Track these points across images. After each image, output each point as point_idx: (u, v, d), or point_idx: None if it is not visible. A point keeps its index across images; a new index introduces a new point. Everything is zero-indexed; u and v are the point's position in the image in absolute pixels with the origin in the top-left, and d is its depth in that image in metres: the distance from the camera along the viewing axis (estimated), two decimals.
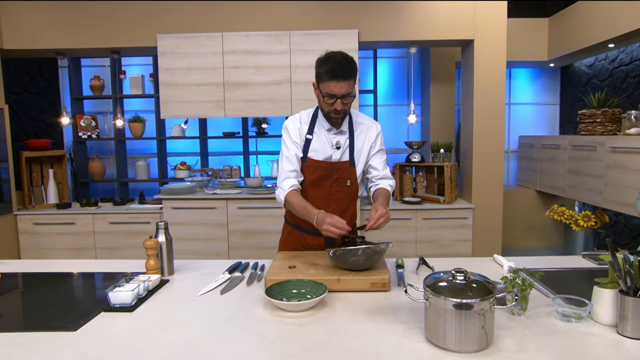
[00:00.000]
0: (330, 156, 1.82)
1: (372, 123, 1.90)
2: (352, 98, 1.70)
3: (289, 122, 1.87)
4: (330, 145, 1.82)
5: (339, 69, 1.61)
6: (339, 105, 1.67)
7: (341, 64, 1.62)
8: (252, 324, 1.19)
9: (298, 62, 3.68)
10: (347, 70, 1.63)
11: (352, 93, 1.69)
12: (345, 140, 1.83)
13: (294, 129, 1.84)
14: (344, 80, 1.63)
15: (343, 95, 1.66)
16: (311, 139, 1.82)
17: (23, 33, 4.01)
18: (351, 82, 1.66)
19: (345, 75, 1.62)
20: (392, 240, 3.65)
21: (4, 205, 4.01)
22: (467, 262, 1.79)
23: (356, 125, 1.87)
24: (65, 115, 4.37)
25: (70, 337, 1.13)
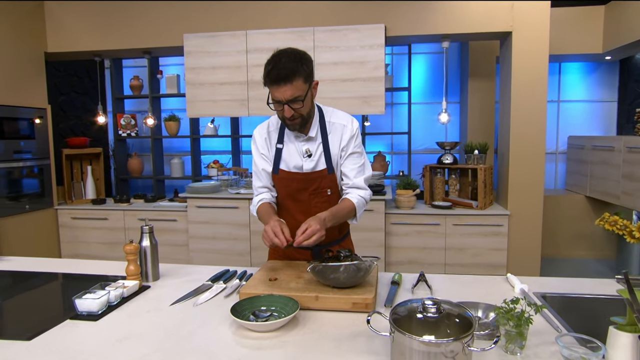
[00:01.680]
0: (302, 166, 1.63)
1: (347, 122, 1.65)
2: (302, 102, 1.47)
3: (256, 132, 1.71)
4: (300, 154, 1.63)
5: (276, 71, 1.40)
6: (287, 111, 1.47)
7: (280, 66, 1.41)
8: (208, 343, 1.10)
9: (321, 59, 3.56)
10: (288, 71, 1.40)
11: (301, 97, 1.46)
12: (318, 147, 1.63)
13: (260, 140, 1.68)
14: (285, 84, 1.41)
15: (289, 101, 1.45)
16: (282, 148, 1.65)
17: (64, 36, 4.19)
18: (297, 85, 1.43)
19: (286, 78, 1.40)
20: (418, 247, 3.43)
21: (46, 199, 4.22)
22: (475, 280, 1.59)
23: (329, 127, 1.64)
24: (101, 114, 4.53)
25: (20, 347, 1.09)
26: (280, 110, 1.50)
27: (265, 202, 1.70)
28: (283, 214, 1.73)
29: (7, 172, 3.79)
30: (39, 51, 4.15)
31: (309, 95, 1.50)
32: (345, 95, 3.56)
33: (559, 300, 1.42)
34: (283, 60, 1.42)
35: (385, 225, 3.59)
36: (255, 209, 1.71)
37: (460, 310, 0.93)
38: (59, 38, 4.18)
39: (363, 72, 3.50)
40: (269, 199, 1.72)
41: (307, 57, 1.50)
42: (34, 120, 4.07)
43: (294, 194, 1.67)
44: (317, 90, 1.59)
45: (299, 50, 1.50)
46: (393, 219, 3.60)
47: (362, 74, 3.50)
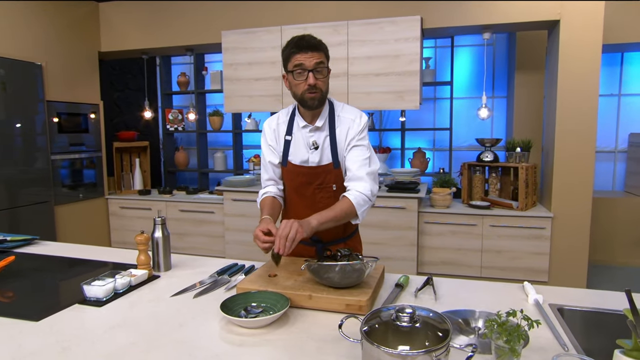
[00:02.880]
0: (307, 159, 1.62)
1: (355, 116, 1.62)
2: (326, 74, 1.53)
3: (265, 124, 1.72)
4: (307, 146, 1.62)
5: (304, 41, 1.49)
6: (311, 79, 1.48)
7: (306, 38, 1.50)
8: (194, 336, 1.12)
9: (355, 53, 3.50)
10: (314, 42, 1.50)
11: (325, 65, 1.53)
12: (325, 139, 1.60)
13: (269, 131, 1.69)
14: (312, 51, 1.48)
15: (315, 68, 1.48)
16: (290, 140, 1.64)
17: (115, 36, 4.44)
18: (322, 55, 1.51)
19: (312, 47, 1.49)
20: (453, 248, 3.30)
21: (98, 189, 4.52)
22: (487, 287, 1.49)
23: (338, 121, 1.61)
24: (147, 110, 4.76)
25: (26, 327, 1.17)
26: (302, 80, 1.50)
27: (269, 195, 1.71)
28: (289, 208, 1.73)
29: (64, 163, 4.10)
30: (93, 51, 4.43)
31: (328, 74, 1.55)
32: (378, 90, 3.48)
33: (580, 315, 1.30)
34: (309, 36, 1.52)
35: (419, 224, 3.49)
36: (259, 202, 1.73)
37: (439, 320, 0.88)
38: (111, 37, 4.44)
39: (398, 66, 3.40)
40: (274, 193, 1.73)
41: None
42: (88, 115, 4.36)
43: (299, 188, 1.66)
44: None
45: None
46: (427, 218, 3.49)
47: (397, 68, 3.41)
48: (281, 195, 1.75)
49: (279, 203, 1.72)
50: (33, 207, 3.79)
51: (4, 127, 3.49)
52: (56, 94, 3.98)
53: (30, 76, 3.73)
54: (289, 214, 1.76)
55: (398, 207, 3.45)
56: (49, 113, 3.90)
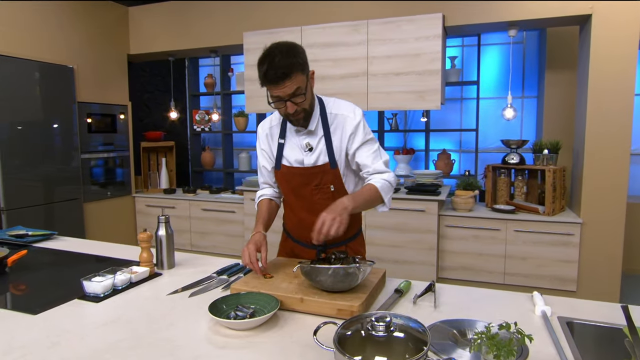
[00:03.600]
0: (302, 160, 1.58)
1: (349, 112, 1.56)
2: (304, 95, 1.42)
3: (259, 128, 1.69)
4: (301, 148, 1.58)
5: (273, 71, 1.35)
6: (289, 108, 1.42)
7: (274, 64, 1.35)
8: (180, 335, 1.11)
9: (375, 52, 3.44)
10: (286, 68, 1.35)
11: (302, 90, 1.41)
12: (319, 140, 1.56)
13: (262, 135, 1.66)
14: (283, 81, 1.36)
15: (291, 96, 1.40)
16: (283, 144, 1.61)
17: (143, 38, 4.57)
18: (295, 79, 1.38)
19: (284, 76, 1.35)
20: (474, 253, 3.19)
21: (125, 187, 4.66)
22: (493, 296, 1.41)
23: (331, 119, 1.56)
24: (173, 110, 4.87)
25: (23, 320, 1.20)
26: (282, 107, 1.45)
27: (265, 198, 1.71)
28: (287, 211, 1.71)
29: (93, 162, 4.25)
30: (122, 53, 4.57)
31: (308, 86, 1.47)
32: (398, 90, 3.41)
33: (591, 330, 1.21)
34: (277, 58, 1.37)
35: (439, 228, 3.38)
36: (256, 204, 1.74)
37: (420, 330, 0.83)
38: (139, 40, 4.57)
39: (418, 65, 3.32)
40: (270, 195, 1.73)
41: (300, 49, 1.45)
42: (117, 116, 4.50)
43: (296, 189, 1.63)
44: (315, 80, 1.55)
45: (290, 43, 1.45)
46: (448, 221, 3.38)
47: (417, 67, 3.32)
48: (277, 196, 1.75)
49: (274, 205, 1.73)
50: (64, 204, 3.95)
51: (38, 128, 3.66)
52: (87, 95, 4.14)
53: (63, 79, 3.89)
54: (288, 216, 1.74)
55: (418, 209, 3.37)
56: (80, 114, 4.05)
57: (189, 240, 4.48)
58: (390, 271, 3.58)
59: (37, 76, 3.67)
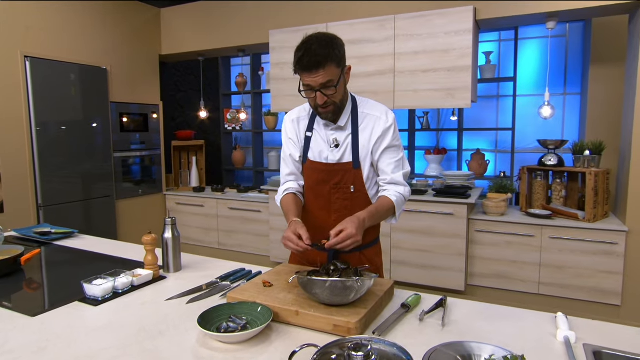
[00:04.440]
0: (327, 157, 1.54)
1: (381, 114, 1.53)
2: (335, 88, 1.39)
3: (286, 117, 1.65)
4: (327, 143, 1.54)
5: (308, 58, 1.34)
6: (319, 99, 1.40)
7: (311, 52, 1.34)
8: (166, 346, 1.07)
9: (402, 49, 3.31)
10: (320, 57, 1.34)
11: (334, 82, 1.39)
12: (347, 137, 1.52)
13: (290, 125, 1.62)
14: (316, 70, 1.35)
15: (322, 86, 1.38)
16: (311, 137, 1.57)
17: (174, 39, 4.64)
18: (329, 70, 1.36)
19: (317, 64, 1.34)
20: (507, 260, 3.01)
21: (156, 185, 4.77)
22: (511, 315, 1.28)
23: (362, 118, 1.53)
24: (202, 110, 4.93)
25: (21, 322, 1.21)
26: (312, 97, 1.43)
27: (290, 192, 1.63)
28: (303, 209, 1.64)
29: (124, 160, 4.37)
30: (154, 54, 4.67)
31: (341, 80, 1.43)
32: (426, 87, 3.26)
33: None
34: (314, 47, 1.36)
35: (468, 232, 3.21)
36: (279, 199, 1.64)
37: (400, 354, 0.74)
38: (170, 41, 4.65)
39: (447, 61, 3.16)
40: (295, 189, 1.64)
41: (339, 41, 1.43)
42: (149, 115, 4.61)
43: (315, 186, 1.58)
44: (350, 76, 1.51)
45: (330, 34, 1.43)
46: (478, 226, 3.20)
47: (446, 64, 3.16)
48: (302, 191, 1.67)
49: (300, 201, 1.64)
50: (98, 201, 4.08)
51: (73, 127, 3.79)
52: (119, 95, 4.25)
53: (97, 79, 4.01)
54: (303, 215, 1.68)
55: (446, 213, 3.21)
56: (113, 113, 4.17)
57: (216, 239, 4.52)
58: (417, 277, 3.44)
59: (72, 78, 3.80)
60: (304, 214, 1.66)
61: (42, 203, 3.61)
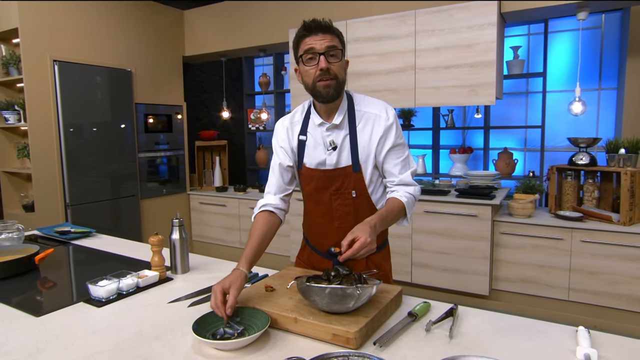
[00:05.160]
0: (324, 161, 1.43)
1: (380, 111, 1.42)
2: (340, 59, 1.34)
3: (278, 123, 1.55)
4: (324, 146, 1.43)
5: (315, 22, 1.33)
6: (323, 62, 1.30)
7: (316, 20, 1.33)
8: (160, 352, 1.05)
9: (423, 45, 3.21)
10: (325, 24, 1.33)
11: (338, 47, 1.34)
12: (344, 138, 1.41)
13: (282, 131, 1.51)
14: (323, 33, 1.32)
15: (327, 51, 1.30)
16: (305, 140, 1.46)
17: (197, 40, 4.69)
18: (335, 38, 1.34)
19: (323, 29, 1.32)
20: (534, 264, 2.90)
21: (180, 185, 4.84)
22: (527, 328, 1.19)
23: (359, 117, 1.42)
24: (225, 110, 4.96)
25: (26, 322, 1.22)
26: (314, 65, 1.32)
27: (264, 211, 1.47)
28: (306, 215, 1.59)
29: (149, 160, 4.45)
30: (178, 55, 4.73)
31: (343, 62, 1.37)
32: (448, 84, 3.14)
33: None
34: (319, 19, 1.35)
35: (493, 235, 3.08)
36: (253, 217, 1.49)
37: None
38: (193, 42, 4.70)
39: (470, 56, 3.04)
40: (272, 205, 1.48)
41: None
42: (173, 115, 4.68)
43: (314, 193, 1.49)
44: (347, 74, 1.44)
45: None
46: (503, 228, 3.07)
47: (469, 59, 3.04)
48: (283, 207, 1.51)
49: (275, 222, 1.48)
50: (123, 200, 4.18)
51: (99, 128, 3.89)
52: (144, 96, 4.33)
53: (122, 81, 4.10)
54: (306, 222, 1.63)
55: (469, 214, 3.09)
56: (137, 114, 4.26)
57: (238, 238, 4.54)
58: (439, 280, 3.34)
59: (99, 80, 3.90)
60: (307, 221, 1.60)
61: (70, 202, 3.72)
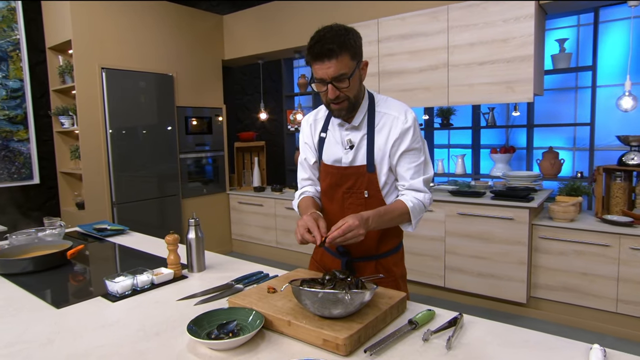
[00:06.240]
0: (340, 158, 1.45)
1: (399, 113, 1.40)
2: (348, 81, 1.29)
3: (303, 120, 1.60)
4: (342, 145, 1.45)
5: (320, 46, 1.25)
6: (330, 93, 1.30)
7: (323, 40, 1.25)
8: (157, 348, 1.09)
9: (456, 41, 3.09)
10: (333, 46, 1.24)
11: (347, 74, 1.28)
12: (362, 138, 1.42)
13: (306, 127, 1.57)
14: (329, 59, 1.25)
15: (334, 79, 1.28)
16: (325, 138, 1.50)
17: (235, 44, 4.82)
18: (342, 61, 1.26)
19: (330, 53, 1.24)
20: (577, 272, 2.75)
21: (220, 185, 4.99)
22: (538, 343, 1.11)
23: (378, 117, 1.41)
24: (262, 111, 5.06)
25: (48, 313, 1.31)
26: (323, 91, 1.34)
27: (308, 195, 1.58)
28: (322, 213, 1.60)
29: (190, 161, 4.63)
30: (218, 59, 4.88)
31: (356, 74, 1.33)
32: (482, 81, 3.01)
33: None
34: (328, 35, 1.28)
35: (531, 239, 2.91)
36: (296, 204, 1.61)
37: None
38: (232, 46, 4.84)
39: (506, 51, 2.89)
40: (312, 193, 1.59)
41: (356, 33, 1.35)
42: (213, 118, 4.84)
43: (328, 190, 1.52)
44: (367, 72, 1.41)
45: (348, 27, 1.34)
46: (543, 232, 2.89)
47: (505, 54, 2.89)
48: (319, 196, 1.61)
49: (318, 204, 1.58)
50: (165, 199, 4.38)
51: (144, 131, 4.10)
52: (185, 100, 4.51)
53: (164, 86, 4.30)
54: None
55: (505, 217, 2.94)
56: (179, 117, 4.44)
57: (274, 238, 4.61)
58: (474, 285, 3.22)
59: (142, 85, 4.11)
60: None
61: (116, 201, 3.95)
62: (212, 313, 1.19)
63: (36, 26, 3.86)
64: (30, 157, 3.88)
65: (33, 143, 3.88)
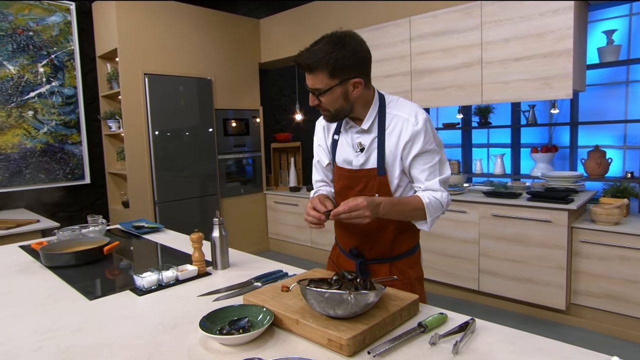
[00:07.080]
0: (351, 161, 1.47)
1: (409, 115, 1.38)
2: (324, 95, 1.32)
3: (317, 122, 1.62)
4: (353, 147, 1.46)
5: (299, 57, 1.32)
6: (310, 100, 1.37)
7: (304, 54, 1.31)
8: (170, 343, 1.15)
9: (490, 37, 3.00)
10: (310, 60, 1.28)
11: (321, 90, 1.32)
12: (372, 141, 1.42)
13: (320, 129, 1.59)
14: (309, 72, 1.31)
15: (312, 89, 1.34)
16: (337, 140, 1.51)
17: (271, 47, 4.92)
18: (317, 77, 1.30)
19: (308, 67, 1.30)
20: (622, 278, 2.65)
21: (257, 185, 5.12)
22: (552, 351, 1.07)
23: (389, 120, 1.40)
24: (298, 112, 5.12)
25: (81, 304, 1.42)
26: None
27: (321, 193, 1.60)
28: None
29: (229, 162, 4.78)
30: (254, 62, 5.01)
31: (336, 91, 1.33)
32: (517, 78, 2.90)
33: None
34: (313, 49, 1.30)
35: (571, 243, 2.77)
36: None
37: None
38: (268, 49, 4.94)
39: (543, 46, 2.76)
40: (327, 192, 1.62)
41: (348, 50, 1.29)
42: (250, 119, 4.97)
43: (341, 192, 1.54)
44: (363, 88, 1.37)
45: (343, 40, 1.31)
46: (584, 236, 2.74)
47: (542, 49, 2.77)
48: (333, 197, 1.64)
49: (331, 199, 1.60)
50: (205, 199, 4.55)
51: (184, 133, 4.29)
52: (223, 102, 4.67)
53: (203, 89, 4.47)
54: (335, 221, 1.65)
55: (542, 219, 2.82)
56: (217, 119, 4.60)
57: (309, 237, 4.67)
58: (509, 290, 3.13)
59: (182, 89, 4.29)
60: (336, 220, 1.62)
61: (158, 200, 4.15)
62: (225, 309, 1.24)
63: (87, 37, 4.13)
64: (82, 159, 4.16)
65: (85, 146, 4.16)
